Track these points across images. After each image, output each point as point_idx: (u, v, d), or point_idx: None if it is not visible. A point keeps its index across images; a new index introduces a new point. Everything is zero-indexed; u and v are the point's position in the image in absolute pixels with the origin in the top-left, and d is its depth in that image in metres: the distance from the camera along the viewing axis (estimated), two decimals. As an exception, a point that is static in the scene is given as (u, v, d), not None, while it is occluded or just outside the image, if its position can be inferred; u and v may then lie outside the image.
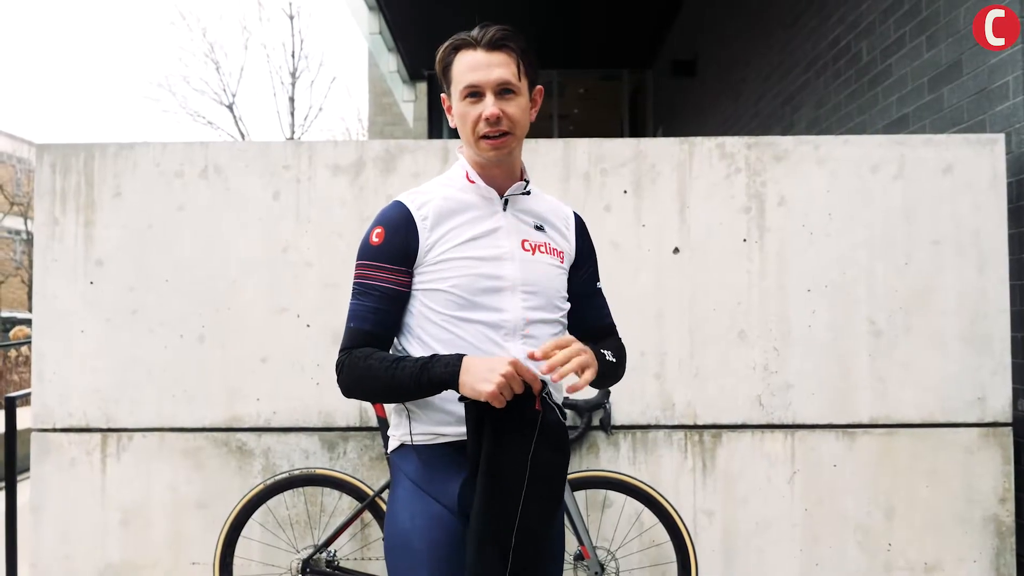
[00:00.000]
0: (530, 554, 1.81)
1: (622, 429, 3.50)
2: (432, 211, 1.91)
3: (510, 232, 1.95)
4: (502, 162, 1.94)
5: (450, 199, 1.94)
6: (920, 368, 3.46)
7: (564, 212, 2.10)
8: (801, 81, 6.10)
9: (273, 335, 3.48)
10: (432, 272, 1.89)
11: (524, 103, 1.93)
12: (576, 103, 14.37)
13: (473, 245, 1.90)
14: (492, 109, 1.86)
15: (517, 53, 1.90)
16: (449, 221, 1.91)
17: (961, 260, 3.46)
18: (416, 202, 1.93)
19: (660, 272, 3.49)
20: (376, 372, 1.83)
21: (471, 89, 1.88)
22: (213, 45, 27.47)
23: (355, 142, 3.56)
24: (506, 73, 1.87)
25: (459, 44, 1.91)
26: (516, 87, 1.89)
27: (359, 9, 10.73)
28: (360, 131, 28.34)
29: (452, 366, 1.77)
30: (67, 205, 3.51)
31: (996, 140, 3.47)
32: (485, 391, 1.71)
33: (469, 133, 1.91)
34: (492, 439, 1.77)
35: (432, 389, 1.80)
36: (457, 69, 1.90)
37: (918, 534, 3.45)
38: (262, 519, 3.45)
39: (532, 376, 1.75)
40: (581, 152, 3.51)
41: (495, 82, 1.87)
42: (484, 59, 1.87)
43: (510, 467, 1.78)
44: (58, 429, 3.48)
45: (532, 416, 1.78)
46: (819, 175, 3.50)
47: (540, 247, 1.98)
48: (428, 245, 1.89)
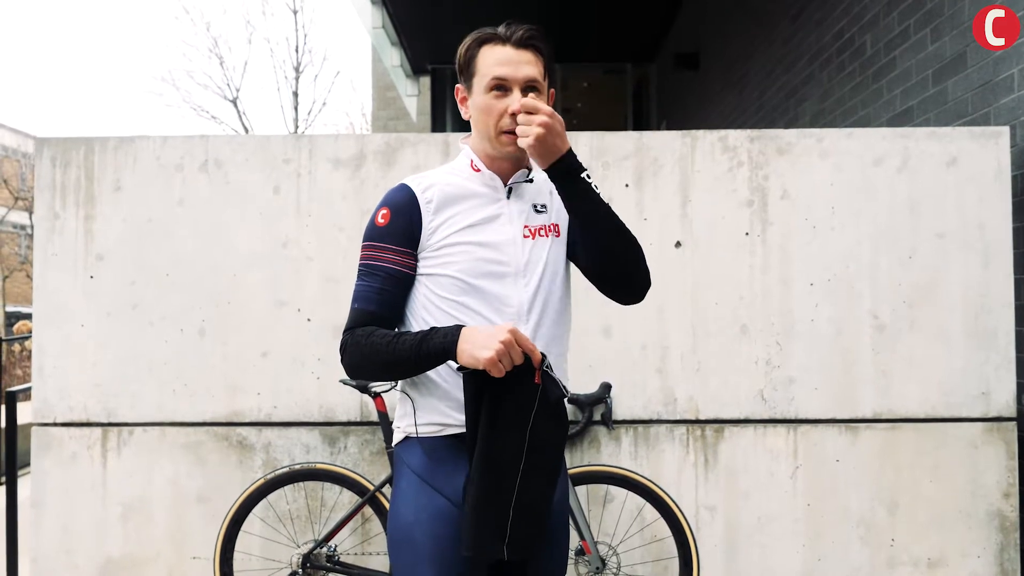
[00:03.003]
0: (528, 530, 1.80)
1: (624, 424, 3.48)
2: (436, 195, 1.93)
3: (512, 219, 1.96)
4: (512, 155, 1.94)
5: (454, 185, 1.96)
6: (924, 362, 3.44)
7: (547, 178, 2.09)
8: (805, 74, 6.07)
9: (274, 329, 3.47)
10: (435, 257, 1.91)
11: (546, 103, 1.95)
12: (580, 97, 14.34)
13: (475, 230, 1.92)
14: (518, 104, 1.86)
15: (543, 53, 1.94)
16: (453, 206, 1.93)
17: (965, 254, 3.43)
18: (421, 185, 1.95)
19: (662, 266, 3.47)
20: (378, 348, 1.84)
21: (499, 82, 1.90)
22: (217, 40, 27.29)
23: (356, 136, 3.54)
24: (533, 72, 1.91)
25: (486, 38, 1.93)
26: (540, 86, 1.93)
27: (362, 4, 10.70)
28: (364, 125, 28.32)
29: (451, 335, 1.78)
30: (67, 199, 3.50)
31: (1001, 133, 3.44)
32: (484, 357, 1.71)
33: (492, 126, 1.92)
34: (490, 411, 1.77)
35: (432, 359, 1.80)
36: (484, 62, 1.91)
37: (921, 529, 3.43)
38: (263, 514, 3.44)
39: (531, 347, 1.76)
40: (583, 145, 3.49)
41: (523, 79, 1.89)
42: (514, 55, 1.90)
43: (508, 439, 1.78)
44: (59, 424, 3.47)
45: (532, 389, 1.78)
46: (822, 168, 3.47)
47: (540, 231, 1.99)
48: (431, 229, 1.91)
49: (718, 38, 8.65)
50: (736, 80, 7.97)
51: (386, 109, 16.81)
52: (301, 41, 32.80)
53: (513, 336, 1.72)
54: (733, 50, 8.06)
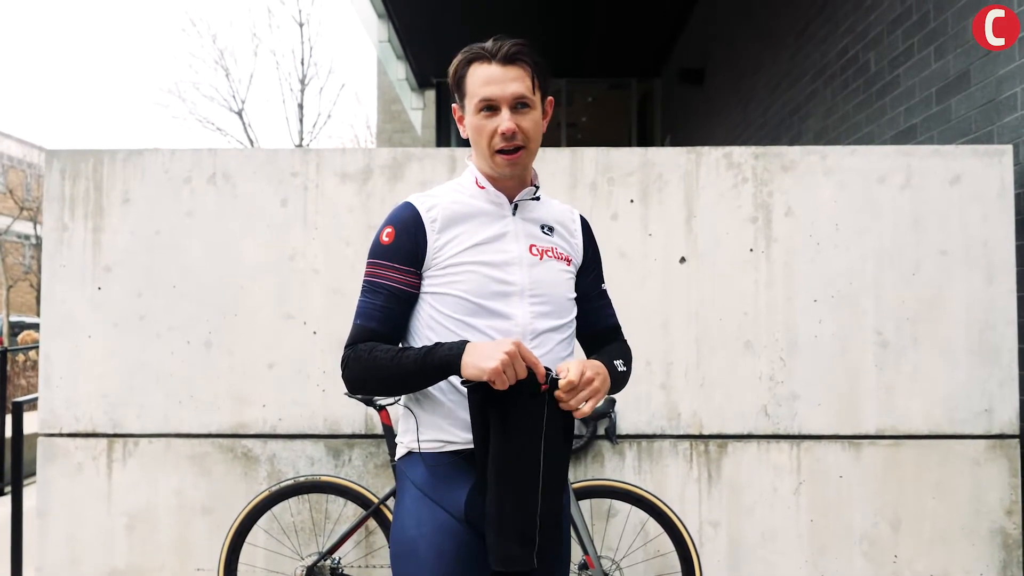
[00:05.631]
0: (550, 534, 1.82)
1: (627, 438, 3.49)
2: (441, 214, 1.92)
3: (518, 237, 1.96)
4: (510, 175, 1.95)
5: (459, 203, 1.95)
6: (927, 379, 3.45)
7: (571, 215, 2.11)
8: (809, 91, 6.10)
9: (280, 341, 3.49)
10: (441, 276, 1.90)
11: (538, 117, 1.94)
12: (584, 111, 14.39)
13: (481, 249, 1.91)
14: (508, 124, 1.87)
15: (531, 66, 1.91)
16: (458, 225, 1.92)
17: (969, 271, 3.45)
18: (425, 204, 1.94)
19: (666, 281, 3.49)
20: (381, 362, 1.83)
21: (487, 103, 1.88)
22: (223, 52, 27.50)
23: (363, 150, 3.57)
24: (521, 87, 1.88)
25: (473, 57, 1.91)
26: (531, 101, 1.90)
27: (368, 17, 10.77)
28: (369, 138, 28.40)
29: (456, 348, 1.78)
30: (76, 211, 3.53)
31: (1004, 151, 3.46)
32: (488, 367, 1.70)
33: (485, 146, 1.91)
34: (500, 424, 1.77)
35: (436, 372, 1.80)
36: (472, 82, 1.90)
37: (925, 546, 3.43)
38: (267, 525, 3.45)
39: (535, 360, 1.75)
40: (588, 161, 3.52)
41: (511, 97, 1.88)
42: (500, 73, 1.88)
43: (523, 449, 1.77)
44: (65, 434, 3.49)
45: (540, 397, 1.78)
46: (826, 185, 3.49)
47: (548, 252, 1.98)
48: (436, 247, 1.90)
49: (723, 54, 8.69)
50: (740, 96, 8.00)
51: (391, 122, 16.87)
52: (307, 54, 33.00)
53: (517, 348, 1.72)
54: (738, 66, 8.09)
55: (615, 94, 13.71)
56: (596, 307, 2.11)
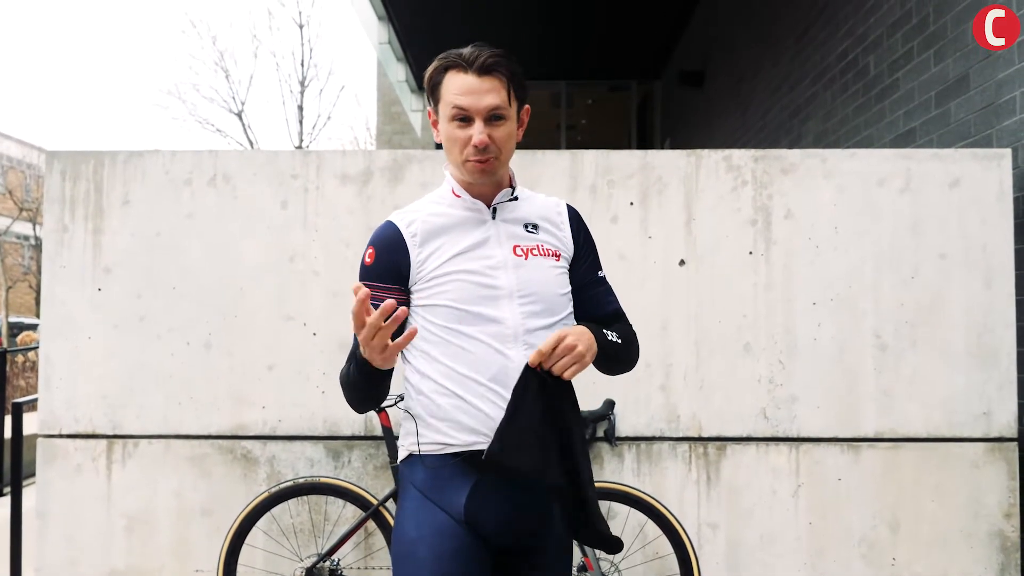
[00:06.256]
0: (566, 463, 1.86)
1: (627, 440, 3.50)
2: (420, 228, 1.94)
3: (501, 240, 1.96)
4: (483, 181, 1.95)
5: (438, 215, 1.96)
6: (926, 382, 3.45)
7: (557, 208, 2.09)
8: (809, 94, 6.11)
9: (279, 343, 3.49)
10: (428, 288, 1.91)
11: (512, 128, 1.93)
12: (584, 114, 14.41)
13: (464, 257, 1.92)
14: (481, 137, 1.86)
15: (508, 77, 1.89)
16: (439, 237, 1.93)
17: (968, 274, 3.45)
18: (404, 220, 1.96)
19: (666, 284, 3.49)
20: (346, 379, 1.92)
21: (461, 113, 1.87)
22: (223, 53, 27.50)
23: (363, 152, 3.57)
24: (496, 99, 1.87)
25: (450, 64, 1.89)
26: (506, 112, 1.89)
27: (368, 19, 10.79)
28: (368, 140, 28.45)
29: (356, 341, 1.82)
30: (76, 212, 3.53)
31: (1003, 155, 3.47)
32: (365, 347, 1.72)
33: (457, 155, 1.91)
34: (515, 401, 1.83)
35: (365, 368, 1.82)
36: (447, 89, 1.89)
37: (923, 549, 3.44)
38: (266, 527, 3.45)
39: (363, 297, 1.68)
40: (588, 163, 3.52)
41: (485, 109, 1.86)
42: (475, 84, 1.86)
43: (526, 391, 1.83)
44: (64, 435, 3.49)
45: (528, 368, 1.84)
46: (826, 188, 3.50)
47: (533, 250, 1.98)
48: (419, 261, 1.92)
49: (723, 56, 8.70)
50: (740, 99, 8.01)
51: (391, 124, 16.89)
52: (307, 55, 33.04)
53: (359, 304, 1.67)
54: (738, 69, 8.11)
55: (615, 96, 13.74)
56: (594, 294, 2.09)
